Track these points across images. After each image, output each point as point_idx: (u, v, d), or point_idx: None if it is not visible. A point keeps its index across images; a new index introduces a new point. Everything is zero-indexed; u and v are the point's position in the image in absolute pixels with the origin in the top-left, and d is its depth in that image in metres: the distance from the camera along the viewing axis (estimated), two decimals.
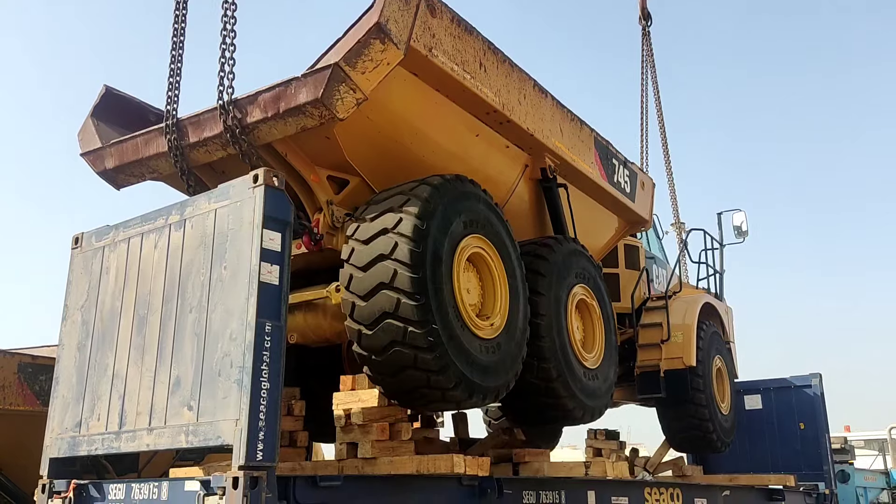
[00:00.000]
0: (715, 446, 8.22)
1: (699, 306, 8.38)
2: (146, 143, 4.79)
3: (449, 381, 4.17)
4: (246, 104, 4.35)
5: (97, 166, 5.04)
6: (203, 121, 4.53)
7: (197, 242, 3.97)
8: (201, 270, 3.88)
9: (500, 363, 4.58)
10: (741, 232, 9.95)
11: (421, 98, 4.74)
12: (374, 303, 4.09)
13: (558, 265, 5.46)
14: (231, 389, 3.47)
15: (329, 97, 4.07)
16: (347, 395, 4.62)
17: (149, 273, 4.18)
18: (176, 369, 3.81)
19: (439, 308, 4.15)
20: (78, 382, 4.34)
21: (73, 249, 4.74)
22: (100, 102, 5.27)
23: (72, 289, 4.64)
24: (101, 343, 4.30)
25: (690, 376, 7.90)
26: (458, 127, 5.10)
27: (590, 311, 5.87)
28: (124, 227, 4.47)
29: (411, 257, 4.08)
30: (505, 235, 4.91)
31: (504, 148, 5.55)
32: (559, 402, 5.24)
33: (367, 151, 4.72)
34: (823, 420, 10.02)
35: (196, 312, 3.81)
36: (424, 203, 4.26)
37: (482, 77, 4.91)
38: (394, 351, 4.09)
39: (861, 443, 16.20)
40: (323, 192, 4.74)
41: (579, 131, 6.19)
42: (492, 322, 4.62)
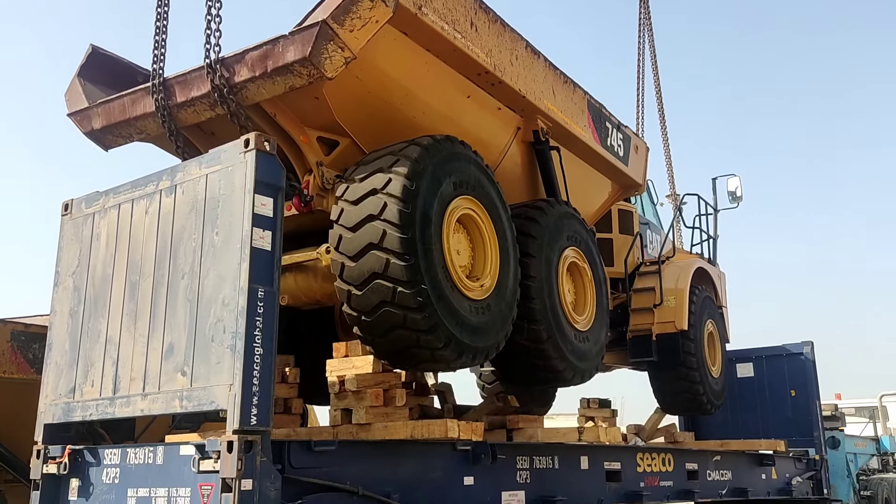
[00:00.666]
0: (705, 408, 8.29)
1: (692, 271, 8.40)
2: (133, 102, 4.74)
3: (438, 341, 4.19)
4: (233, 63, 4.30)
5: (84, 126, 4.99)
6: (190, 80, 4.48)
7: (188, 208, 3.95)
8: (193, 236, 3.86)
9: (490, 324, 4.60)
10: (735, 197, 9.95)
11: (410, 58, 4.68)
12: (363, 263, 4.09)
13: (549, 228, 5.45)
14: (224, 355, 3.48)
15: (317, 56, 4.03)
16: (341, 362, 4.63)
17: (140, 239, 4.17)
18: (169, 335, 3.82)
19: (428, 268, 4.15)
20: (71, 349, 4.34)
21: (62, 216, 4.71)
22: (86, 62, 5.20)
23: (63, 255, 4.62)
24: (94, 309, 4.30)
25: (682, 340, 7.94)
26: (448, 88, 5.05)
27: (581, 273, 5.87)
28: (114, 193, 4.44)
29: (400, 217, 4.07)
30: (495, 197, 4.89)
31: (496, 110, 5.50)
32: (549, 363, 5.28)
33: (357, 112, 4.68)
34: (814, 387, 10.12)
35: (188, 278, 3.81)
36: (414, 163, 4.23)
37: (473, 37, 4.85)
38: (383, 311, 4.10)
39: (852, 410, 16.38)
40: (313, 154, 4.71)
41: (572, 94, 6.14)
42: (482, 283, 4.62)
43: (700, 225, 9.53)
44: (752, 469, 8.21)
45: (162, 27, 4.65)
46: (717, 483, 7.41)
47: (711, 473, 7.34)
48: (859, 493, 11.57)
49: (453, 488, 4.44)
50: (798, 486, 8.96)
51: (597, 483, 5.64)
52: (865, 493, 11.82)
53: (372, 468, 4.08)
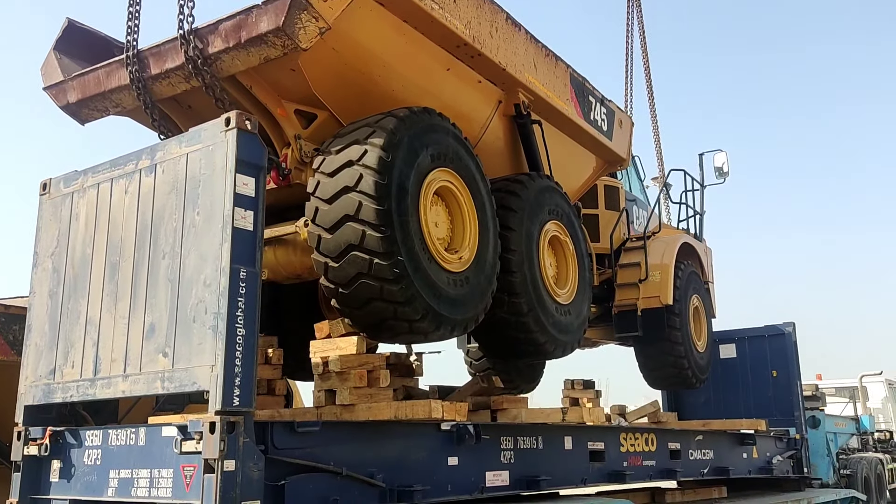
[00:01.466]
0: (689, 382, 8.35)
1: (677, 246, 8.43)
2: (108, 75, 4.70)
3: (416, 313, 4.19)
4: (207, 34, 4.26)
5: (60, 100, 4.95)
6: (164, 52, 4.44)
7: (168, 188, 3.92)
8: (173, 216, 3.84)
9: (469, 296, 4.60)
10: (722, 173, 9.94)
11: (387, 29, 4.64)
12: (340, 235, 4.09)
13: (530, 201, 5.45)
14: (206, 335, 3.47)
15: (290, 25, 3.99)
16: (325, 343, 4.62)
17: (119, 219, 4.13)
18: (150, 316, 3.80)
19: (405, 240, 4.15)
20: (51, 330, 4.32)
21: (41, 196, 4.66)
22: (62, 36, 5.14)
23: (41, 235, 4.58)
24: (73, 290, 4.27)
25: (667, 315, 7.98)
26: (427, 60, 5.01)
27: (563, 247, 5.88)
28: (93, 172, 4.39)
29: (376, 189, 4.06)
30: (474, 170, 4.88)
31: (476, 83, 5.47)
32: (530, 336, 5.30)
33: (335, 84, 4.65)
34: (796, 368, 10.18)
35: (169, 258, 3.78)
36: (390, 135, 4.22)
37: (451, 8, 4.81)
38: (360, 283, 4.10)
39: (832, 390, 16.53)
40: (290, 127, 4.68)
41: (554, 67, 6.11)
42: (460, 256, 4.62)
43: (686, 201, 9.54)
44: (733, 448, 8.29)
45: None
46: (699, 462, 7.47)
47: (694, 453, 7.40)
48: (839, 471, 11.69)
49: (438, 468, 4.44)
50: (778, 464, 9.04)
51: (580, 463, 5.67)
52: (845, 471, 11.95)
53: (356, 449, 4.07)
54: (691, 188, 9.60)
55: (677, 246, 8.41)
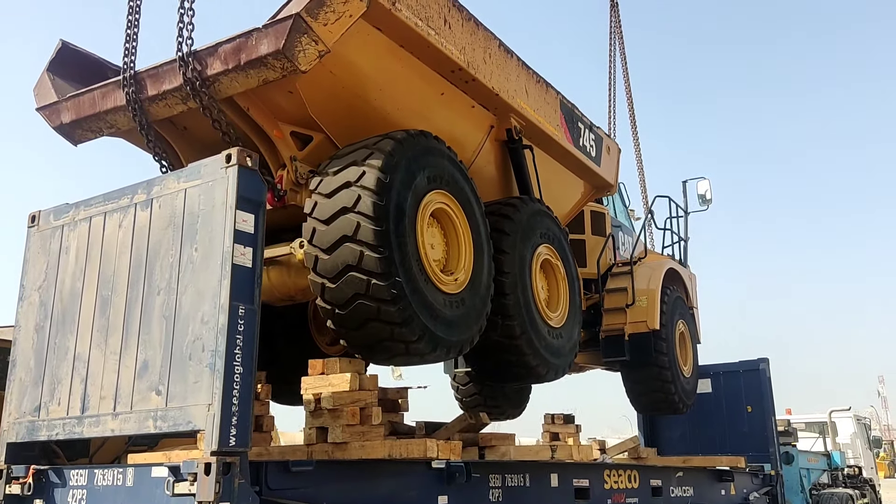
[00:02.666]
0: (676, 407, 8.38)
1: (663, 272, 8.51)
2: (103, 96, 4.70)
3: (412, 334, 4.19)
4: (206, 56, 4.28)
5: (53, 121, 4.93)
6: (162, 73, 4.45)
7: (165, 223, 3.89)
8: (170, 252, 3.80)
9: (465, 318, 4.61)
10: (705, 200, 10.08)
11: (384, 54, 4.70)
12: (337, 255, 4.09)
13: (523, 224, 5.49)
14: (203, 373, 3.42)
15: (290, 49, 4.03)
16: (317, 380, 4.56)
17: (112, 253, 4.08)
18: (143, 352, 3.74)
19: (402, 261, 4.16)
20: (36, 365, 4.23)
21: (29, 228, 4.60)
22: (56, 57, 5.14)
23: (28, 268, 4.51)
24: (62, 325, 4.19)
25: (654, 339, 8.03)
26: (422, 85, 5.07)
27: (554, 271, 5.92)
28: (85, 205, 4.34)
29: (374, 210, 4.08)
30: (469, 192, 4.92)
31: (469, 108, 5.54)
32: (523, 359, 5.31)
33: (331, 107, 4.68)
34: (770, 403, 10.28)
35: (165, 294, 3.74)
36: (388, 156, 4.25)
37: (447, 34, 4.88)
38: (357, 304, 4.10)
39: (802, 425, 16.70)
40: (286, 149, 4.70)
41: (545, 93, 6.20)
42: (456, 277, 4.64)
43: (671, 227, 9.65)
44: (712, 485, 8.33)
45: (134, 20, 4.61)
46: (680, 499, 7.49)
47: (675, 489, 7.43)
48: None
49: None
50: (755, 501, 9.11)
51: (566, 500, 5.67)
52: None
53: (348, 488, 4.03)
54: (676, 215, 9.73)
55: (663, 271, 8.50)
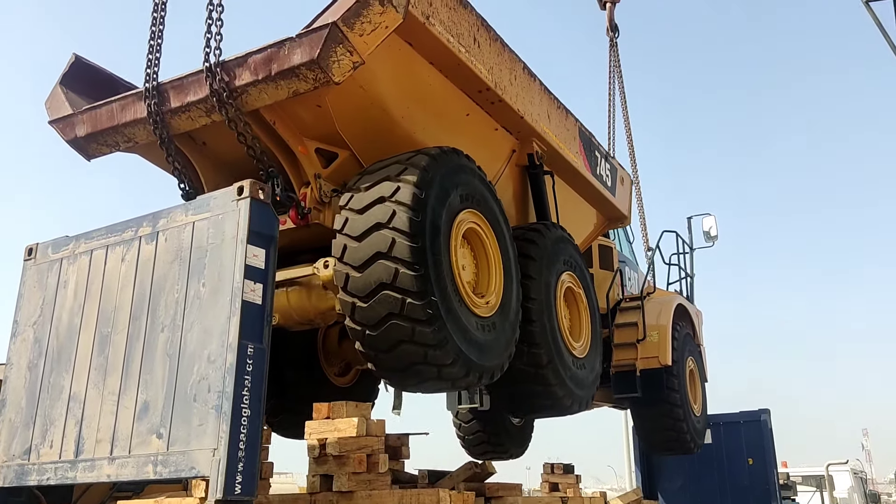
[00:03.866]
0: (688, 447, 8.19)
1: (674, 307, 8.39)
2: (123, 108, 4.53)
3: (447, 357, 3.99)
4: (234, 66, 4.14)
5: (67, 134, 4.74)
6: (187, 84, 4.29)
7: (171, 256, 3.73)
8: (176, 287, 3.64)
9: (496, 342, 4.42)
10: (710, 237, 10.04)
11: (415, 70, 4.59)
12: (371, 273, 3.90)
13: (548, 250, 5.35)
14: (208, 416, 3.24)
15: (325, 58, 3.89)
16: (322, 424, 4.34)
17: (114, 288, 3.90)
18: (144, 393, 3.54)
19: (438, 280, 3.98)
20: (28, 405, 4.01)
21: (25, 261, 4.41)
22: (69, 71, 5.00)
23: (23, 303, 4.31)
24: (57, 363, 3.99)
25: (666, 376, 7.88)
26: (449, 104, 4.96)
27: (577, 299, 5.76)
28: (86, 238, 4.17)
29: (410, 226, 3.91)
30: (498, 213, 4.78)
31: (493, 130, 5.43)
32: (549, 389, 5.11)
33: (358, 123, 4.54)
34: (772, 456, 10.09)
35: (169, 332, 3.56)
36: (422, 172, 4.10)
37: (476, 52, 4.79)
38: (390, 324, 3.90)
39: (799, 479, 16.51)
40: (311, 165, 4.54)
41: (565, 119, 6.13)
42: (487, 300, 4.47)
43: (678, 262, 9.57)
44: None
45: (158, 31, 4.47)
46: None
47: None
48: None
49: None
50: None
51: None
52: None
53: None
54: (682, 251, 9.66)
55: (673, 306, 8.38)
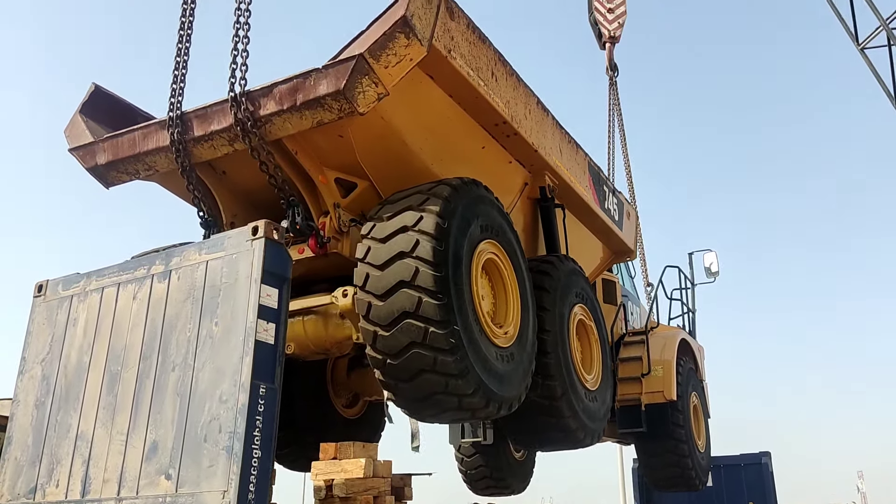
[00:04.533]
0: (693, 483, 8.14)
1: (677, 341, 8.41)
2: (145, 137, 4.56)
3: (468, 387, 3.98)
4: (259, 96, 4.19)
5: (87, 162, 4.77)
6: (210, 114, 4.34)
7: (184, 295, 3.73)
8: (188, 325, 3.64)
9: (514, 373, 4.42)
10: (711, 272, 10.10)
11: (435, 102, 4.66)
12: (394, 302, 3.91)
13: (561, 282, 5.38)
14: (219, 457, 3.21)
15: (351, 89, 3.95)
16: (329, 465, 4.32)
17: (125, 326, 3.89)
18: (153, 433, 3.51)
19: (460, 309, 3.99)
20: (34, 444, 3.96)
21: (35, 297, 4.40)
22: (88, 100, 5.04)
23: (32, 340, 4.28)
24: (64, 401, 3.95)
25: (671, 411, 7.86)
26: (467, 136, 5.03)
27: (588, 332, 5.78)
28: (97, 275, 4.16)
29: (434, 255, 3.93)
30: (516, 245, 4.81)
31: (507, 163, 5.49)
32: (562, 421, 5.09)
33: (378, 154, 4.59)
34: (773, 499, 10.00)
35: (180, 371, 3.55)
36: (445, 202, 4.14)
37: (494, 86, 4.87)
38: (412, 353, 3.90)
39: None
40: (330, 195, 4.58)
41: (575, 154, 6.20)
42: (506, 330, 4.48)
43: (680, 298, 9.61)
44: None
45: (182, 62, 4.53)
46: None
47: None
48: None
49: None
50: None
51: None
52: None
53: None
54: (683, 286, 9.71)
55: (677, 341, 8.40)
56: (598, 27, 14.38)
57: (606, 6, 14.56)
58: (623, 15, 14.59)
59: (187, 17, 4.62)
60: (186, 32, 4.60)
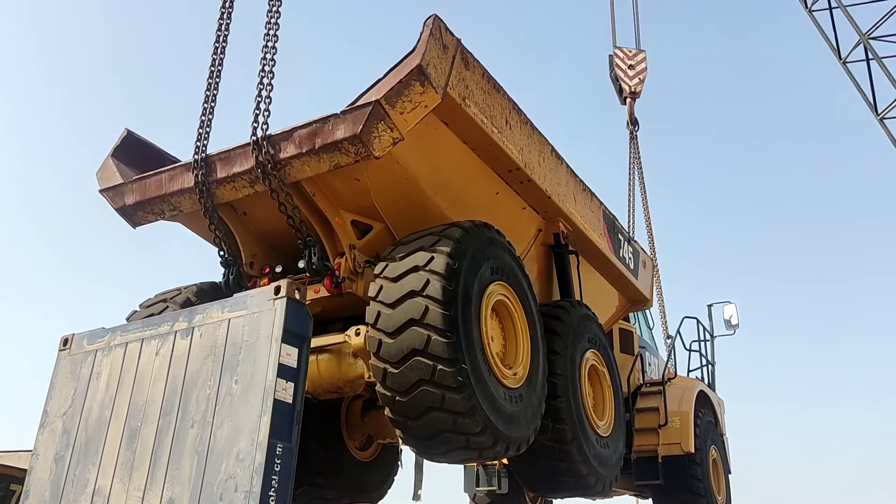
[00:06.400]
0: None
1: (695, 393, 8.34)
2: (171, 178, 4.76)
3: (475, 425, 4.03)
4: (280, 140, 4.38)
5: (116, 202, 4.97)
6: (233, 156, 4.53)
7: (205, 352, 3.79)
8: (208, 382, 3.69)
9: (523, 414, 4.45)
10: (731, 325, 10.04)
11: (449, 147, 4.81)
12: (403, 339, 4.00)
13: (573, 327, 5.43)
14: None
15: (367, 134, 4.12)
16: None
17: (146, 381, 3.94)
18: (170, 489, 3.53)
19: (469, 348, 4.06)
20: (52, 498, 3.98)
21: (60, 351, 4.48)
22: (120, 144, 5.28)
23: (54, 393, 4.34)
24: (84, 455, 3.99)
25: (689, 464, 7.75)
26: (480, 182, 5.16)
27: (600, 378, 5.79)
28: (122, 330, 4.24)
29: (443, 294, 4.03)
30: (526, 288, 4.89)
31: (521, 209, 5.61)
32: (573, 466, 5.08)
33: (393, 197, 4.74)
34: None
35: (199, 427, 3.59)
36: (456, 243, 4.25)
37: (508, 133, 5.02)
38: (420, 390, 3.96)
39: None
40: (346, 237, 4.72)
41: (590, 202, 6.31)
42: (515, 371, 4.53)
43: (699, 349, 9.55)
44: None
45: (209, 108, 4.75)
46: None
47: None
48: None
49: None
50: None
51: None
52: None
53: None
54: (702, 338, 9.66)
55: (695, 393, 8.32)
56: (618, 83, 14.64)
57: (627, 63, 14.85)
58: (644, 71, 14.85)
59: (216, 66, 4.86)
60: (214, 81, 4.83)
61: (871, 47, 16.55)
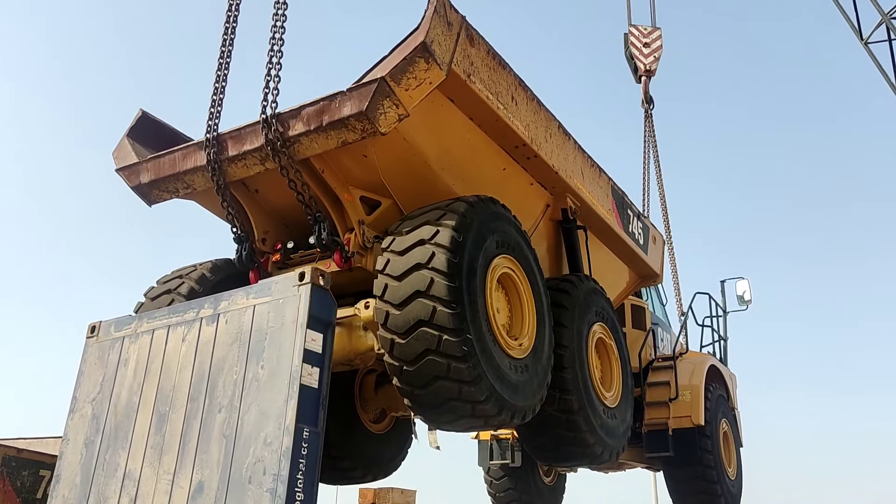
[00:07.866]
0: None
1: (706, 367, 8.41)
2: (184, 157, 4.88)
3: (480, 394, 4.14)
4: (289, 118, 4.48)
5: (132, 181, 5.11)
6: (244, 135, 4.64)
7: (231, 338, 3.84)
8: (234, 368, 3.74)
9: (528, 384, 4.56)
10: (744, 300, 10.07)
11: (455, 124, 4.89)
12: (409, 311, 4.11)
13: (580, 300, 5.51)
14: (262, 498, 3.29)
15: (373, 110, 4.21)
16: None
17: (174, 368, 4.00)
18: (199, 473, 3.59)
19: (473, 319, 4.17)
20: (82, 482, 4.05)
21: (88, 338, 4.55)
22: (136, 125, 5.40)
23: (83, 380, 4.40)
24: (113, 440, 4.05)
25: (699, 436, 7.85)
26: (487, 158, 5.24)
27: (608, 350, 5.88)
28: (148, 317, 4.30)
29: (448, 266, 4.12)
30: (532, 261, 4.98)
31: (528, 185, 5.68)
32: (580, 435, 5.19)
33: (401, 174, 4.83)
34: None
35: (226, 412, 3.64)
36: (461, 217, 4.34)
37: (514, 109, 5.08)
38: (427, 360, 4.08)
39: None
40: (355, 212, 4.82)
41: (598, 177, 6.36)
42: (520, 342, 4.63)
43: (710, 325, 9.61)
44: None
45: (220, 87, 4.85)
46: None
47: None
48: None
49: None
50: None
51: None
52: None
53: None
54: (715, 314, 9.70)
55: (706, 367, 8.40)
56: (633, 61, 14.57)
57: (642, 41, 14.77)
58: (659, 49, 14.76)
59: (227, 45, 4.96)
60: (225, 61, 4.94)
61: (894, 27, 16.31)
